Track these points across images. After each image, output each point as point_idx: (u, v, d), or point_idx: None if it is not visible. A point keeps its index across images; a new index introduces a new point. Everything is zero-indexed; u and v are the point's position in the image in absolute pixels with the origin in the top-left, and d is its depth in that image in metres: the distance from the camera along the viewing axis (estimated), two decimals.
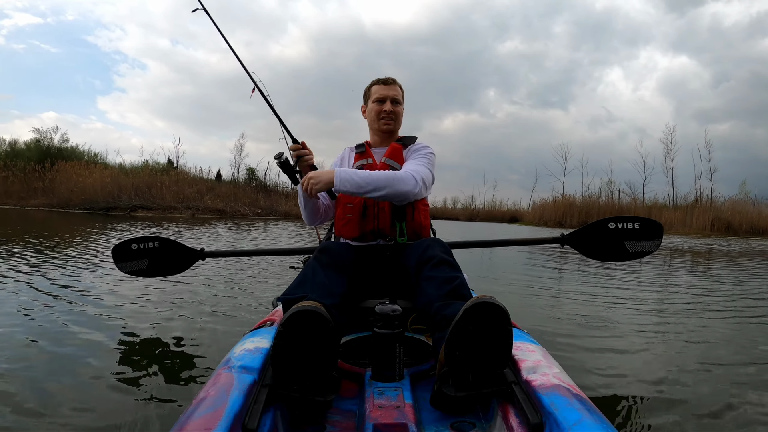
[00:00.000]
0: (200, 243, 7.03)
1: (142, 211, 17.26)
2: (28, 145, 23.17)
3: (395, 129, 1.65)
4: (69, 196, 18.28)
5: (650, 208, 20.95)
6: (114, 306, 2.60)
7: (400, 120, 1.65)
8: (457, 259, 1.28)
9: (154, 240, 2.00)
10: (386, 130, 1.63)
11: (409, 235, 1.49)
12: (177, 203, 18.32)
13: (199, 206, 18.53)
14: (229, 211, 18.95)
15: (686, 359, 1.91)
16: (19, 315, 2.31)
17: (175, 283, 3.27)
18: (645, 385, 1.60)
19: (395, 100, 1.61)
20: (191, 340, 2.02)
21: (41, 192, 19.28)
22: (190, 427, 0.66)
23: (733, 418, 1.35)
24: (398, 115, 1.63)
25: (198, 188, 20.24)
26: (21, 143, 23.41)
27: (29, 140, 23.38)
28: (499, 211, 31.20)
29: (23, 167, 20.31)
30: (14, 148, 23.27)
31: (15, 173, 20.07)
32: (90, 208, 17.47)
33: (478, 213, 31.61)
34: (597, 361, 1.84)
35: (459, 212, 33.41)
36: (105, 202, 17.69)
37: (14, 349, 1.81)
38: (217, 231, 9.57)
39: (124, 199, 17.89)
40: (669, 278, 4.69)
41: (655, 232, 1.83)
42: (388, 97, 1.61)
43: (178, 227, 10.19)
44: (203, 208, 18.46)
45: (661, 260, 6.55)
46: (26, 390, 1.43)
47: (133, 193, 18.30)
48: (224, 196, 20.44)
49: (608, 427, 0.69)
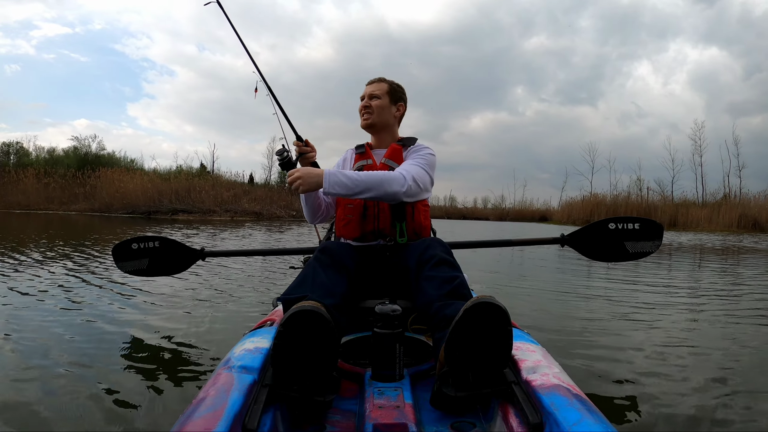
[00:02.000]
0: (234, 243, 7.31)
1: (182, 215, 17.90)
2: (66, 152, 24.77)
3: (375, 122, 1.63)
4: (110, 201, 19.15)
5: (677, 206, 20.66)
6: (114, 306, 2.60)
7: (383, 115, 1.62)
8: (461, 259, 1.28)
9: (155, 239, 2.00)
10: (365, 125, 1.64)
11: (409, 235, 1.50)
12: (215, 206, 18.97)
13: (236, 209, 19.08)
14: (266, 214, 19.45)
15: (687, 359, 1.91)
16: (18, 315, 2.31)
17: (175, 283, 3.27)
18: (645, 384, 1.60)
19: (372, 95, 1.63)
20: (191, 340, 2.02)
21: (82, 197, 20.25)
22: (190, 427, 0.66)
23: (735, 419, 1.35)
24: (376, 109, 1.61)
25: (235, 192, 20.80)
26: (59, 150, 25.10)
27: (67, 148, 25.18)
28: (529, 210, 31.08)
29: (64, 174, 21.52)
30: (53, 155, 24.78)
31: (56, 180, 21.13)
32: (132, 212, 18.19)
33: (507, 213, 31.54)
34: (597, 361, 1.84)
35: (489, 212, 33.44)
36: (146, 206, 18.41)
37: (10, 348, 1.81)
38: (251, 233, 9.77)
39: (165, 203, 18.69)
40: (669, 277, 4.69)
41: (655, 233, 1.83)
42: (367, 94, 1.64)
43: (216, 229, 10.63)
44: (241, 211, 19.00)
45: (662, 259, 6.55)
46: (24, 390, 1.43)
47: (173, 197, 19.11)
48: (260, 199, 20.96)
49: (608, 427, 0.69)
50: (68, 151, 24.99)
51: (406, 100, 1.69)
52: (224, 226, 12.07)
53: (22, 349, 1.81)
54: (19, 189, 20.46)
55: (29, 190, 20.46)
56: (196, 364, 1.73)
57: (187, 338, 2.04)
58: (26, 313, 2.36)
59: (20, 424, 1.22)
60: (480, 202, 35.82)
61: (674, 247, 9.35)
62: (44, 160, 24.14)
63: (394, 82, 1.68)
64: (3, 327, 2.09)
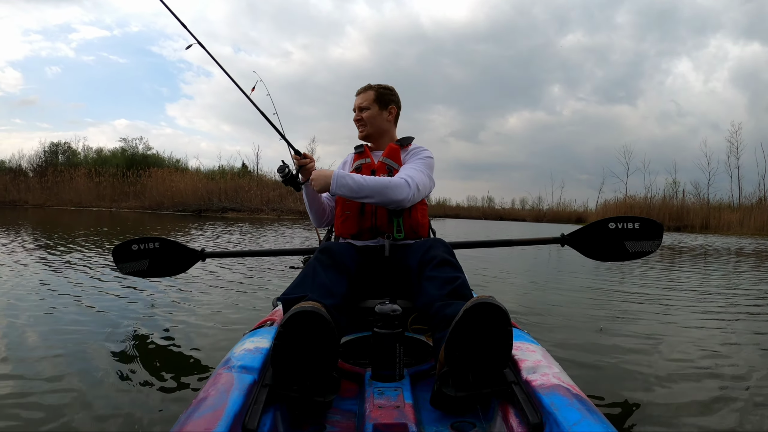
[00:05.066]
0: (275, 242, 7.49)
1: (232, 213, 18.66)
2: (113, 152, 26.26)
3: (370, 133, 1.69)
4: (161, 199, 20.16)
5: (710, 209, 20.47)
6: (113, 305, 2.60)
7: (375, 123, 1.68)
8: (464, 259, 1.28)
9: (155, 241, 2.01)
10: (362, 137, 1.71)
11: (407, 231, 1.51)
12: (263, 205, 19.63)
13: (283, 208, 19.57)
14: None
15: (688, 359, 1.91)
16: (17, 313, 2.31)
17: (175, 283, 3.27)
18: (646, 384, 1.60)
19: (361, 108, 1.68)
20: (191, 340, 2.02)
21: (132, 195, 21.34)
22: (190, 427, 0.66)
23: (736, 420, 1.35)
24: (368, 120, 1.67)
25: (280, 191, 21.32)
26: (106, 151, 26.66)
27: (115, 148, 26.74)
28: (566, 212, 30.97)
29: (114, 173, 22.87)
30: (100, 155, 26.30)
31: (106, 178, 22.48)
32: (182, 209, 19.18)
33: (544, 214, 31.38)
34: (597, 361, 1.84)
35: (526, 213, 33.34)
36: (197, 204, 19.42)
37: (8, 347, 1.81)
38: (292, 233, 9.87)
39: (215, 201, 19.62)
40: (670, 276, 4.69)
41: (655, 233, 1.83)
42: (356, 106, 1.69)
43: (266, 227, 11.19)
44: (287, 210, 19.44)
45: (663, 258, 6.55)
46: (22, 390, 1.43)
47: (222, 196, 20.02)
48: (302, 198, 20.88)
49: (608, 427, 0.69)
50: (116, 152, 26.47)
51: (396, 100, 1.72)
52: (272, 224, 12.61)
53: (18, 346, 1.81)
54: (71, 187, 21.67)
55: (81, 188, 21.72)
56: (196, 364, 1.73)
57: (187, 338, 2.04)
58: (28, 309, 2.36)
59: (16, 424, 1.22)
60: (518, 203, 35.86)
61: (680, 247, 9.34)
62: (93, 160, 25.60)
63: (380, 87, 1.70)
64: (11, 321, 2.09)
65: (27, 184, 21.90)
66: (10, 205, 19.71)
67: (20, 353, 1.77)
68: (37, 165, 24.62)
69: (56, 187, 21.59)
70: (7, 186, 21.21)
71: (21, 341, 1.91)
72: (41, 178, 22.35)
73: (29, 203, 20.31)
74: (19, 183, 21.88)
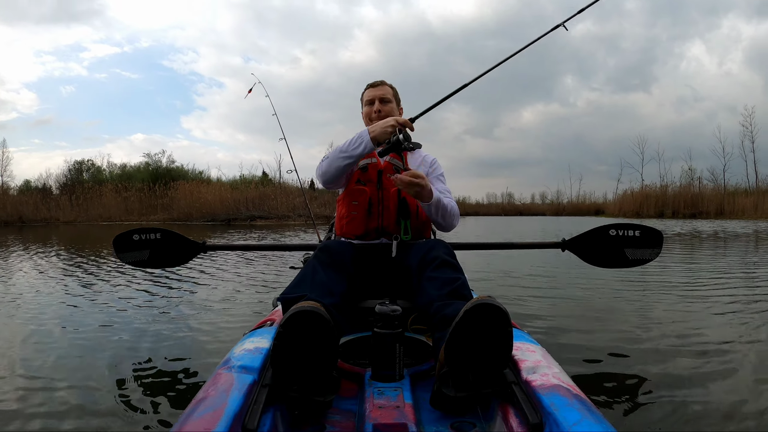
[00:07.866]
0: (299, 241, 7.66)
1: (260, 221, 19.19)
2: (137, 167, 26.75)
3: None
4: (189, 211, 20.79)
5: (723, 195, 20.24)
6: (113, 305, 2.60)
7: None
8: (465, 258, 1.28)
9: (156, 231, 1.99)
10: None
11: (413, 233, 1.50)
12: (289, 212, 20.25)
13: (308, 214, 19.46)
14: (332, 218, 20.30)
15: (689, 359, 1.90)
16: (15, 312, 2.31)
17: (175, 283, 3.27)
18: (646, 384, 1.60)
19: (383, 99, 1.64)
20: (191, 339, 2.02)
21: (161, 208, 21.89)
22: (189, 427, 0.66)
23: (736, 419, 1.35)
24: (388, 114, 1.64)
25: (304, 198, 21.22)
26: (130, 167, 27.12)
27: (138, 163, 27.18)
28: (584, 204, 30.62)
29: (141, 187, 23.24)
30: (125, 171, 26.79)
31: (134, 193, 22.89)
32: (211, 220, 19.73)
33: (564, 208, 31.07)
34: (597, 361, 1.84)
35: (546, 207, 33.11)
36: (225, 214, 19.96)
37: (8, 348, 1.81)
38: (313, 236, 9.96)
39: (242, 210, 20.25)
40: (670, 275, 4.68)
41: (655, 241, 1.84)
42: (376, 98, 1.65)
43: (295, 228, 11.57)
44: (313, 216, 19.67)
45: (663, 258, 6.54)
46: (22, 390, 1.43)
47: (250, 205, 20.70)
48: (327, 203, 21.60)
49: (608, 427, 0.69)
50: (139, 166, 27.04)
51: None
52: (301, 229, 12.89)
53: (18, 346, 1.81)
54: (100, 203, 22.18)
55: (109, 203, 22.18)
56: (196, 364, 1.73)
57: (187, 338, 2.04)
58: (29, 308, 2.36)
59: (16, 423, 1.22)
60: (537, 198, 35.74)
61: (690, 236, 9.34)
62: (117, 176, 26.18)
63: (393, 85, 1.71)
64: None
65: (57, 202, 22.25)
66: (42, 222, 19.94)
67: (21, 353, 1.77)
68: (63, 183, 25.04)
69: (86, 203, 22.11)
70: (38, 205, 21.51)
71: (22, 341, 1.91)
72: (70, 196, 22.72)
73: (60, 220, 20.62)
74: (49, 201, 22.22)
